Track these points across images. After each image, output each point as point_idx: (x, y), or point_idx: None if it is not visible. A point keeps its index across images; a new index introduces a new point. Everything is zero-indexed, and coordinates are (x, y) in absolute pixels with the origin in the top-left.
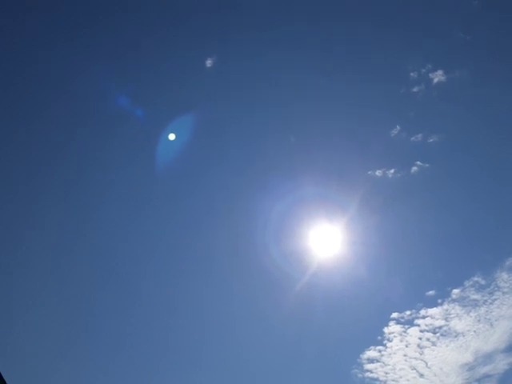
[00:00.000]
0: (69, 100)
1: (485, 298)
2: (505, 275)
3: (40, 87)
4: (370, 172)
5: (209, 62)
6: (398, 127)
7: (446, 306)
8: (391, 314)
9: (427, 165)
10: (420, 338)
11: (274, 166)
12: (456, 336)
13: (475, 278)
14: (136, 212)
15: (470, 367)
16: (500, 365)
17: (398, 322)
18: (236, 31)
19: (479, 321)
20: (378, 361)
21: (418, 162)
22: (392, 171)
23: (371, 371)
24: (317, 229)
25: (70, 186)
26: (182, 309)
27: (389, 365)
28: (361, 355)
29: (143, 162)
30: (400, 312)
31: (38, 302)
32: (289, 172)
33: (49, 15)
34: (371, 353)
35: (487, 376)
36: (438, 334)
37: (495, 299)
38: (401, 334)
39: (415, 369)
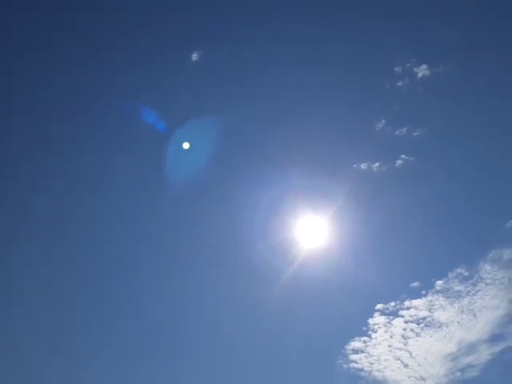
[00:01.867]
0: (62, 98)
1: (468, 289)
2: (488, 267)
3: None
4: (355, 165)
5: (195, 56)
6: (383, 121)
7: (429, 298)
8: (376, 305)
9: (412, 158)
10: (404, 329)
11: (260, 159)
12: (440, 327)
13: (459, 270)
14: (121, 204)
15: (454, 357)
16: (483, 355)
17: (382, 313)
18: (221, 25)
19: (463, 311)
20: (362, 351)
21: (403, 156)
22: (377, 164)
23: (356, 362)
24: (302, 221)
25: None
26: (166, 301)
27: (374, 355)
28: (346, 346)
29: (134, 153)
30: (384, 303)
31: (30, 296)
32: (274, 165)
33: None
34: (356, 344)
35: (470, 366)
36: (422, 325)
37: (478, 290)
38: (385, 325)
39: (400, 359)
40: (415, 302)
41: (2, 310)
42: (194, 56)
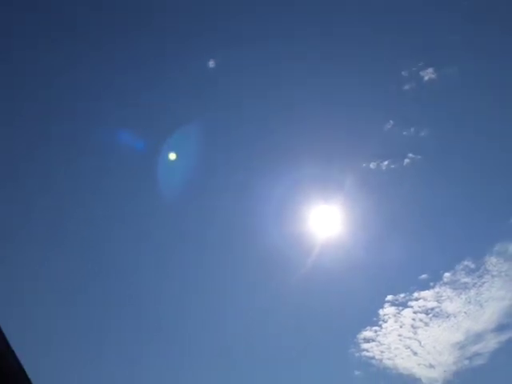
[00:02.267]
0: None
1: (475, 281)
2: (493, 259)
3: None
4: (364, 164)
5: (211, 63)
6: (391, 122)
7: (437, 289)
8: (386, 296)
9: (419, 156)
10: (413, 319)
11: (271, 159)
12: (448, 317)
13: (465, 263)
14: (121, 204)
15: (462, 346)
16: (490, 344)
17: (392, 304)
18: (228, 25)
19: (470, 302)
20: (373, 340)
21: (411, 154)
22: (386, 163)
23: (367, 350)
24: (313, 214)
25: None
26: (180, 296)
27: (384, 344)
28: (357, 335)
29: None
30: (394, 295)
31: (30, 296)
32: (285, 165)
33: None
34: (367, 333)
35: (478, 354)
36: (430, 315)
37: (484, 282)
38: (395, 316)
39: (409, 347)
40: (424, 294)
41: (2, 310)
42: (211, 63)
